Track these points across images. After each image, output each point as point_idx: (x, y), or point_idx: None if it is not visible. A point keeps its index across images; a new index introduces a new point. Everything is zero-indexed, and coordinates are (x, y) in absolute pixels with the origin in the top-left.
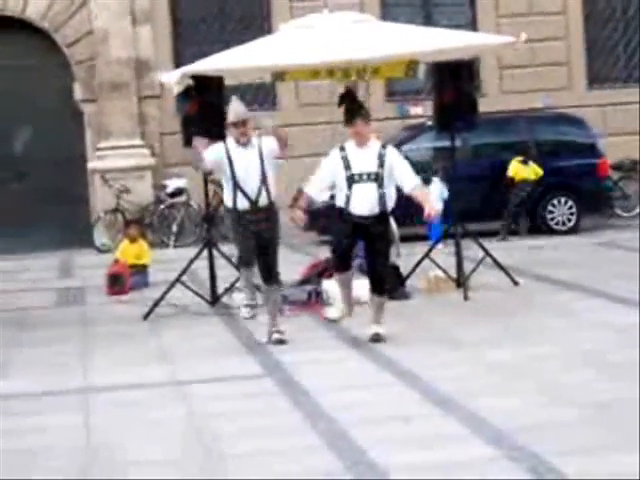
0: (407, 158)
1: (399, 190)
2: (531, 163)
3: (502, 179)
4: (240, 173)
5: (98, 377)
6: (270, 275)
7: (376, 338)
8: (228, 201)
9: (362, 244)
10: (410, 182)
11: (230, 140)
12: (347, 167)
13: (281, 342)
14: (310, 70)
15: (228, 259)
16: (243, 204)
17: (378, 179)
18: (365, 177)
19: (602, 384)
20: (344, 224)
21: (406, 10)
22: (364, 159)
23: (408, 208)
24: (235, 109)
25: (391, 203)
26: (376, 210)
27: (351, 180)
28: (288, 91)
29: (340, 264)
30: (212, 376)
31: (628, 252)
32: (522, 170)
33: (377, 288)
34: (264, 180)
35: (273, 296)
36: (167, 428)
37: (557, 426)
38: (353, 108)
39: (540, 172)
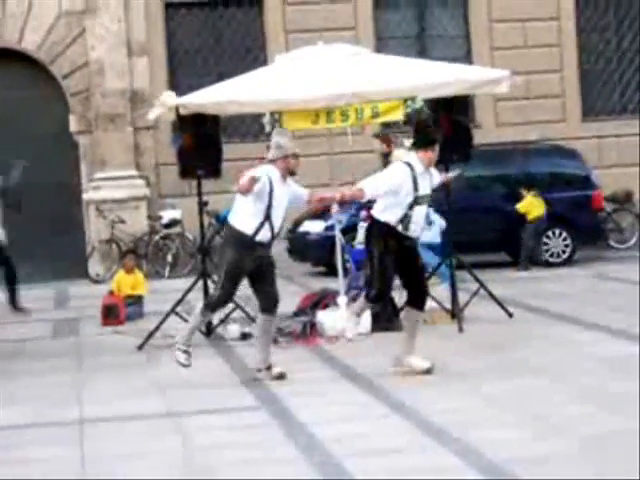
0: None
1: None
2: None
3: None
4: (276, 206)
5: (93, 408)
6: (274, 306)
7: (428, 371)
8: (247, 229)
9: (355, 273)
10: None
11: (273, 171)
12: (416, 188)
13: (281, 376)
14: (308, 114)
15: None
16: (265, 236)
17: (429, 201)
18: (425, 200)
19: (598, 417)
20: (392, 249)
21: (401, 42)
22: (427, 182)
23: None
24: (290, 141)
25: None
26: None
27: (415, 202)
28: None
29: (385, 294)
30: (207, 408)
31: (623, 284)
32: (537, 206)
33: (418, 302)
34: (284, 220)
35: (271, 328)
36: (162, 460)
37: (552, 458)
38: (432, 131)
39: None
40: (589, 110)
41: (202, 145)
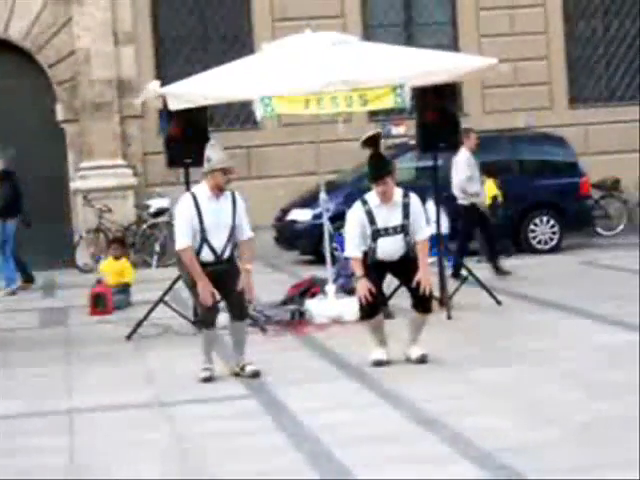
0: None
1: None
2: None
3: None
4: (209, 226)
5: (82, 398)
6: (241, 312)
7: (422, 359)
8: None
9: (343, 261)
10: (420, 236)
11: (200, 189)
12: (372, 222)
13: (256, 375)
14: (299, 100)
15: None
16: (207, 257)
17: (404, 230)
18: (391, 231)
19: (586, 404)
20: (371, 271)
21: (389, 30)
22: (389, 214)
23: None
24: (220, 154)
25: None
26: (402, 253)
27: (376, 234)
28: None
29: (370, 313)
30: (196, 397)
31: (610, 271)
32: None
33: (423, 306)
34: (231, 235)
35: (243, 333)
36: (152, 449)
37: (542, 445)
38: (382, 164)
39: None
40: (576, 97)
41: (189, 133)
